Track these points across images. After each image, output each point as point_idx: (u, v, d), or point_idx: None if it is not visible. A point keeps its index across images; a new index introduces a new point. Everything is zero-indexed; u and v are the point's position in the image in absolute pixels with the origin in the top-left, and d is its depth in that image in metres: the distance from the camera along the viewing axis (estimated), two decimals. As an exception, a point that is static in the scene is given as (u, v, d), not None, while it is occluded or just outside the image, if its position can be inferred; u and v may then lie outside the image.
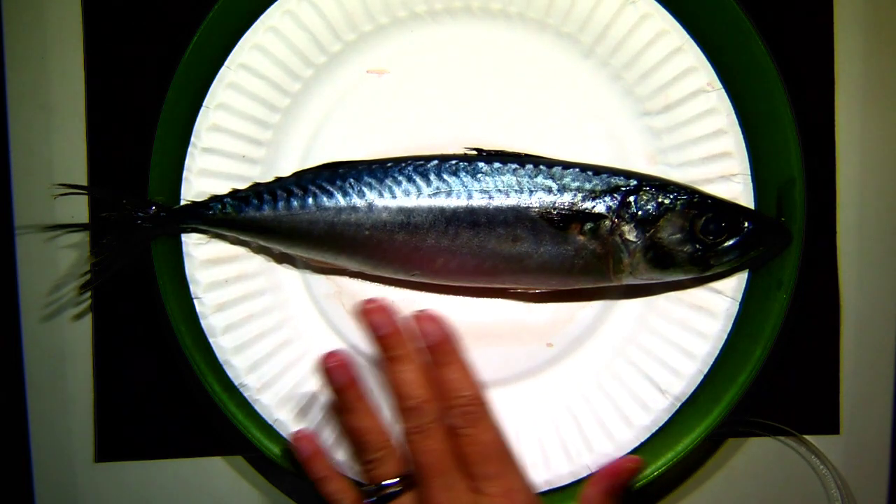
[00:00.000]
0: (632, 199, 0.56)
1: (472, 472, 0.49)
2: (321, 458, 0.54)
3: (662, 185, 0.57)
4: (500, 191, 0.56)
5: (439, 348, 0.51)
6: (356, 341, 0.61)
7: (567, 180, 0.56)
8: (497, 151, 0.58)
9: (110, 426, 0.64)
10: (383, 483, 0.51)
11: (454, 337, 0.52)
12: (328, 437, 0.58)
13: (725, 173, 0.59)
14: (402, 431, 0.51)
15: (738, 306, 0.58)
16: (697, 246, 0.56)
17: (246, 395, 0.59)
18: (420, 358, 0.52)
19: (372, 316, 0.53)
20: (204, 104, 0.59)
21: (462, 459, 0.49)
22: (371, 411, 0.53)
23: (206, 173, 0.60)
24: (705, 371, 0.58)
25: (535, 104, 0.61)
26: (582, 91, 0.61)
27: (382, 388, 0.54)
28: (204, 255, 0.59)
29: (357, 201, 0.57)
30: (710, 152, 0.59)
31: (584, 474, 0.58)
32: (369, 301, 0.53)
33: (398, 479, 0.51)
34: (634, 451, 0.58)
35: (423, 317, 0.52)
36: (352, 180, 0.57)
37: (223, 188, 0.59)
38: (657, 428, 0.58)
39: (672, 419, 0.58)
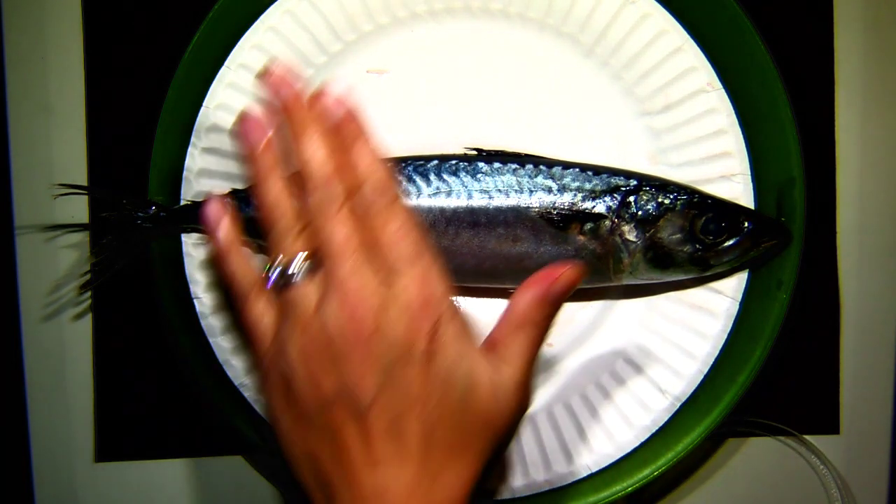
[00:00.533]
0: (632, 199, 0.56)
1: (384, 256, 0.43)
2: (233, 225, 0.49)
3: (662, 185, 0.57)
4: (500, 191, 0.56)
5: (345, 127, 0.46)
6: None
7: (567, 180, 0.56)
8: (497, 151, 0.58)
9: (110, 426, 0.64)
10: (291, 262, 0.45)
11: (360, 117, 0.46)
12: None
13: (725, 173, 0.59)
14: (307, 214, 0.45)
15: (738, 306, 0.58)
16: (697, 246, 0.56)
17: (246, 395, 0.59)
18: (328, 137, 0.46)
19: (276, 80, 0.47)
20: (204, 104, 0.59)
21: (372, 246, 0.44)
22: (286, 182, 0.47)
23: (206, 173, 0.60)
24: (705, 371, 0.58)
25: (535, 104, 0.61)
26: (582, 91, 0.61)
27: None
28: (204, 255, 0.59)
29: (357, 201, 0.57)
30: (710, 152, 0.59)
31: (584, 474, 0.58)
32: (272, 63, 0.48)
33: (303, 257, 0.45)
34: (634, 452, 0.58)
35: (322, 93, 0.47)
36: (352, 180, 0.57)
37: (223, 188, 0.59)
38: (657, 428, 0.58)
39: (672, 419, 0.58)
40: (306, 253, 0.45)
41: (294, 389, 0.43)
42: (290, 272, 0.45)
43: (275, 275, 0.45)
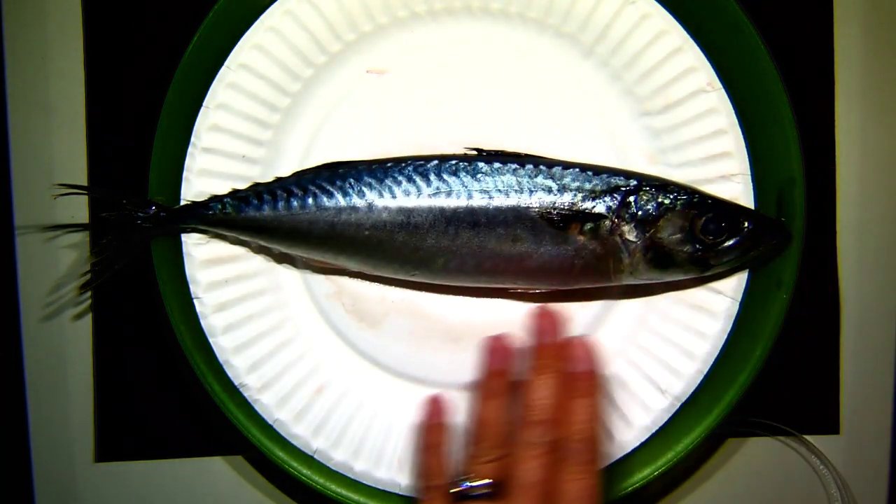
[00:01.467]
0: (632, 199, 0.56)
1: None
2: (441, 429, 0.54)
3: (662, 185, 0.57)
4: (500, 191, 0.56)
5: (584, 378, 0.51)
6: (356, 341, 0.61)
7: (567, 180, 0.56)
8: (497, 151, 0.58)
9: (110, 426, 0.64)
10: (477, 482, 0.50)
11: (600, 372, 0.52)
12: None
13: (725, 173, 0.59)
14: (517, 441, 0.50)
15: (738, 306, 0.58)
16: (697, 246, 0.56)
17: (246, 395, 0.59)
18: (561, 378, 0.51)
19: (543, 321, 0.54)
20: (204, 104, 0.59)
21: (553, 494, 0.48)
22: (505, 408, 0.52)
23: (206, 173, 0.60)
24: (705, 371, 0.58)
25: (535, 104, 0.61)
26: (582, 91, 0.61)
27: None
28: (204, 255, 0.59)
29: (357, 201, 0.57)
30: (710, 152, 0.59)
31: (584, 474, 0.58)
32: (542, 306, 0.55)
33: (489, 482, 0.50)
34: (634, 452, 0.58)
35: (579, 343, 0.52)
36: (352, 180, 0.57)
37: (223, 188, 0.59)
38: (657, 428, 0.58)
39: (672, 419, 0.58)
40: (491, 480, 0.50)
41: None
42: (474, 489, 0.50)
43: (461, 486, 0.50)
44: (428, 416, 0.56)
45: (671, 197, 0.56)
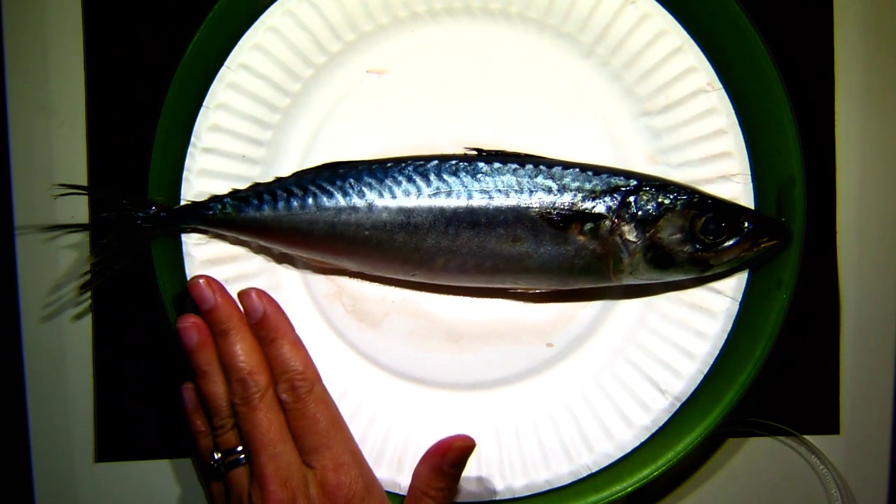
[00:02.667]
0: (632, 199, 0.56)
1: (301, 446, 0.51)
2: (197, 415, 0.56)
3: (662, 185, 0.57)
4: (500, 191, 0.56)
5: (264, 324, 0.54)
6: (356, 341, 0.61)
7: (567, 180, 0.56)
8: (497, 151, 0.58)
9: (110, 426, 0.64)
10: (227, 450, 0.53)
11: (279, 313, 0.55)
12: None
13: (725, 173, 0.59)
14: (234, 404, 0.53)
15: (738, 306, 0.58)
16: (697, 246, 0.56)
17: (246, 395, 0.59)
18: (251, 333, 0.54)
19: (197, 290, 0.55)
20: (204, 104, 0.59)
21: (293, 433, 0.51)
22: (220, 378, 0.54)
23: (206, 173, 0.60)
24: (705, 371, 0.58)
25: (535, 104, 0.61)
26: (582, 91, 0.61)
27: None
28: (204, 255, 0.59)
29: (357, 201, 0.57)
30: (710, 152, 0.59)
31: (584, 474, 0.58)
32: (196, 276, 0.56)
33: (241, 448, 0.53)
34: (634, 451, 0.58)
35: (245, 294, 0.55)
36: (352, 180, 0.57)
37: (223, 188, 0.59)
38: (657, 428, 0.58)
39: (672, 419, 0.58)
40: (237, 443, 0.53)
41: None
42: (227, 460, 0.53)
43: (216, 461, 0.54)
44: (188, 404, 0.56)
45: (671, 197, 0.56)
